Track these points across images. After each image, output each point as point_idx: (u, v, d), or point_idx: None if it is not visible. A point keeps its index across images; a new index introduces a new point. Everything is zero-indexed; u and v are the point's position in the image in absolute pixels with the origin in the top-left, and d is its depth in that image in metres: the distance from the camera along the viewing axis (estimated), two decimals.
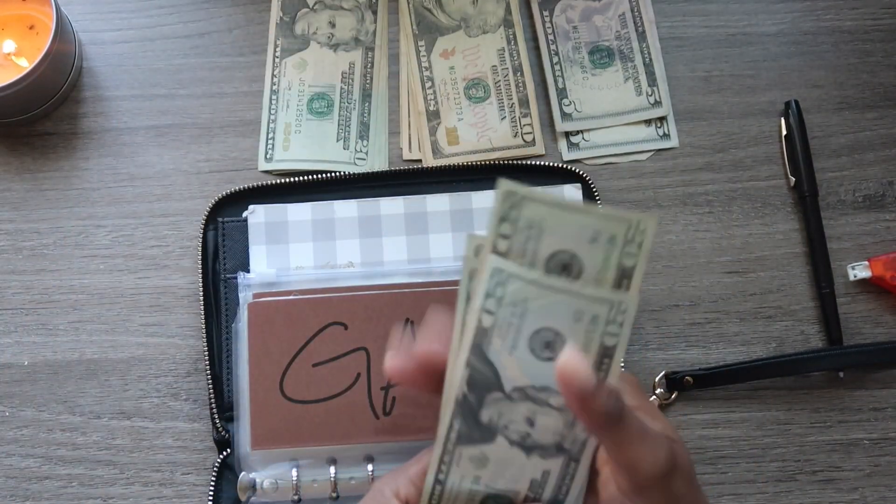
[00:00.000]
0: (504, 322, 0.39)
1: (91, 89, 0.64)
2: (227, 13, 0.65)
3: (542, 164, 0.61)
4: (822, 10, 0.66)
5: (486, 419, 0.40)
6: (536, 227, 0.39)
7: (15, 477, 0.58)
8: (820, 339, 0.61)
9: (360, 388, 0.56)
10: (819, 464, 0.59)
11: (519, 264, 0.39)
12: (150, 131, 0.63)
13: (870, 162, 0.63)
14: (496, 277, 0.39)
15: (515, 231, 0.39)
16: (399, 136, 0.63)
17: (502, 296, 0.39)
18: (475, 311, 0.39)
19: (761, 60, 0.65)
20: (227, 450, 0.57)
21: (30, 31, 0.62)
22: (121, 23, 0.65)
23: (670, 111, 0.63)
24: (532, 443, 0.41)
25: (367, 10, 0.66)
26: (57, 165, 0.63)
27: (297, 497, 0.55)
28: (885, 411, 0.60)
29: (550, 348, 0.39)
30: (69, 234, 0.62)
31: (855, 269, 0.60)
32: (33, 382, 0.60)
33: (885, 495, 0.58)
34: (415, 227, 0.60)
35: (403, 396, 0.56)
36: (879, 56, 0.65)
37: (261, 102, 0.64)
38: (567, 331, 0.39)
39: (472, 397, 0.40)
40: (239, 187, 0.60)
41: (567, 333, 0.39)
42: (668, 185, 0.62)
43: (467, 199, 0.60)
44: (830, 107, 0.64)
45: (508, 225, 0.39)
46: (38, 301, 0.61)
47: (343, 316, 0.57)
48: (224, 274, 0.59)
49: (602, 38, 0.64)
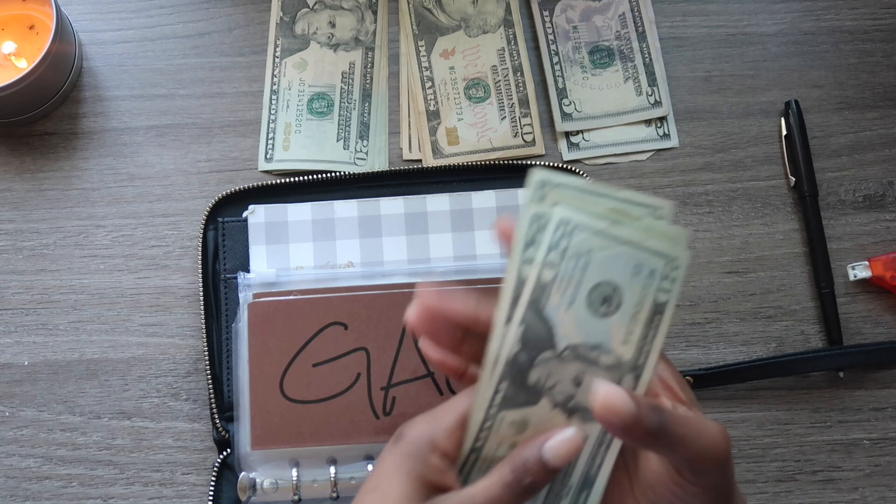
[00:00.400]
0: (565, 275, 0.40)
1: (91, 89, 0.64)
2: (227, 13, 0.65)
3: (542, 164, 0.61)
4: (822, 10, 0.66)
5: (534, 380, 0.40)
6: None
7: (15, 477, 0.58)
8: (820, 339, 0.61)
9: (360, 388, 0.56)
10: (819, 464, 0.59)
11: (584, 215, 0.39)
12: (150, 131, 0.63)
13: (870, 162, 0.63)
14: (562, 229, 0.39)
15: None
16: (399, 136, 0.63)
17: (566, 247, 0.39)
18: (536, 266, 0.39)
19: (761, 60, 0.65)
20: (227, 450, 0.57)
21: (30, 32, 0.62)
22: (121, 23, 0.65)
23: (670, 111, 0.63)
24: (575, 405, 0.41)
25: (367, 10, 0.66)
26: (57, 165, 0.63)
27: (297, 497, 0.55)
28: (885, 411, 0.60)
29: (608, 303, 0.40)
30: (69, 234, 0.62)
31: (855, 269, 0.60)
32: (33, 382, 0.60)
33: (885, 495, 0.58)
34: (415, 227, 0.60)
35: (403, 396, 0.56)
36: (879, 56, 0.65)
37: (261, 102, 0.64)
38: (625, 285, 0.40)
39: (523, 356, 0.40)
40: (239, 187, 0.60)
41: (625, 288, 0.40)
42: (668, 185, 0.62)
43: (467, 199, 0.60)
44: (830, 107, 0.64)
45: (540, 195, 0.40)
46: (38, 301, 0.61)
47: (343, 316, 0.57)
48: (224, 274, 0.59)
49: (602, 38, 0.64)
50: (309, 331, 0.56)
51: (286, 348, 0.56)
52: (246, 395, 0.56)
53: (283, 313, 0.56)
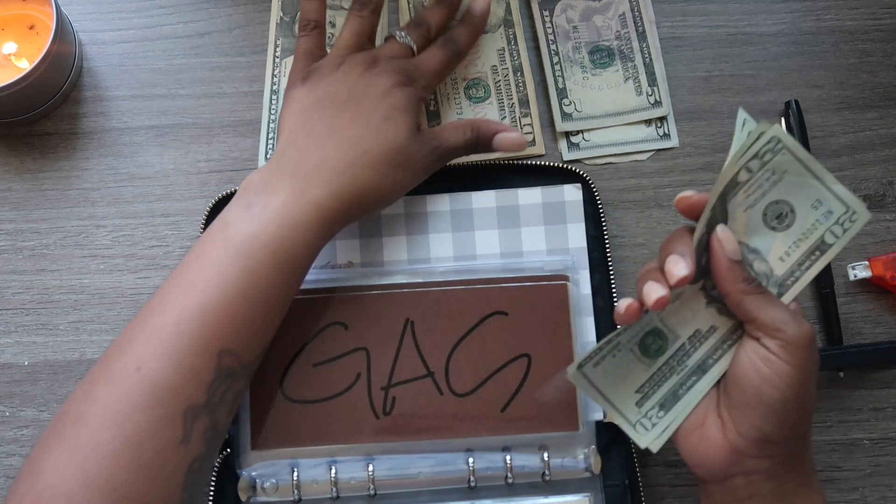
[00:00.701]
0: (756, 182, 0.46)
1: (91, 89, 0.64)
2: (227, 13, 0.65)
3: (542, 164, 0.61)
4: (822, 10, 0.66)
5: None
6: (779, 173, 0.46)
7: (15, 477, 0.58)
8: (820, 339, 0.61)
9: (360, 388, 0.56)
10: (819, 464, 0.59)
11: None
12: (150, 131, 0.63)
13: (870, 162, 0.63)
14: (770, 144, 0.45)
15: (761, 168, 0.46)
16: None
17: (768, 161, 0.46)
18: (737, 165, 0.46)
19: (761, 60, 0.65)
20: (227, 450, 0.57)
21: (30, 32, 0.62)
22: (121, 23, 0.65)
23: (670, 111, 0.63)
24: (716, 294, 0.48)
25: None
26: (57, 165, 0.63)
27: (297, 497, 0.55)
28: (885, 411, 0.60)
29: (779, 219, 0.47)
30: (69, 234, 0.62)
31: (855, 269, 0.60)
32: (33, 382, 0.60)
33: (885, 495, 0.58)
34: (415, 227, 0.60)
35: (404, 396, 0.56)
36: (879, 56, 0.65)
37: (261, 102, 0.64)
38: (802, 211, 0.47)
39: (704, 238, 0.47)
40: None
41: (800, 213, 0.47)
42: (668, 185, 0.62)
43: (467, 199, 0.60)
44: (830, 107, 0.64)
45: (757, 161, 0.46)
46: (38, 301, 0.61)
47: (343, 316, 0.57)
48: None
49: (602, 38, 0.64)
50: (309, 331, 0.56)
51: (286, 348, 0.56)
52: (246, 396, 0.56)
53: None
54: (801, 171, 0.46)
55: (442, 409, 0.56)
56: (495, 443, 0.56)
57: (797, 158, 0.46)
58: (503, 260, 0.59)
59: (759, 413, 0.46)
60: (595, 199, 0.60)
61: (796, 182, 0.46)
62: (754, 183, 0.46)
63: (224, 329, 0.48)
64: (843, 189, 0.46)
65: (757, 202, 0.47)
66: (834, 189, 0.46)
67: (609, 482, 0.57)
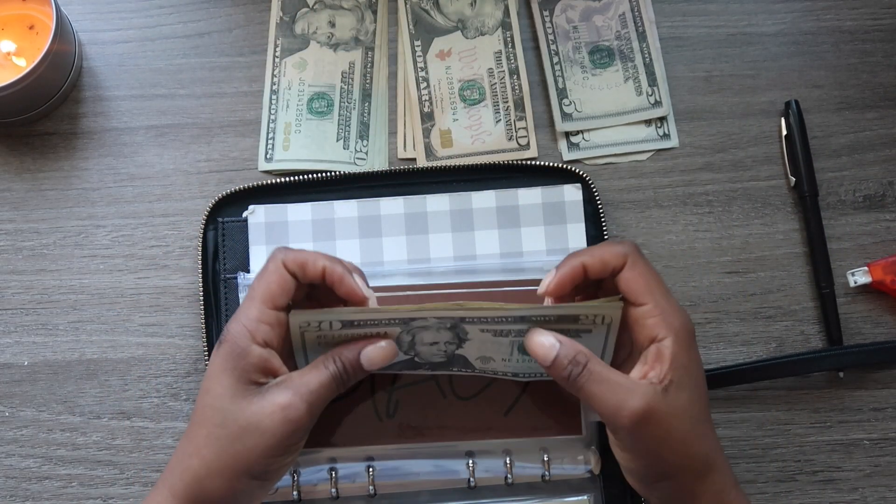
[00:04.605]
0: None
1: (91, 89, 0.64)
2: (227, 13, 0.65)
3: (542, 165, 0.61)
4: (822, 10, 0.66)
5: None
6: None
7: (15, 477, 0.58)
8: (820, 340, 0.61)
9: (364, 389, 0.56)
10: (819, 464, 0.59)
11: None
12: (150, 131, 0.63)
13: (870, 162, 0.63)
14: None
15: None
16: (398, 136, 0.63)
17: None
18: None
19: (761, 60, 0.65)
20: None
21: (30, 31, 0.62)
22: (121, 23, 0.65)
23: (670, 111, 0.63)
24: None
25: (366, 9, 0.66)
26: (57, 165, 0.63)
27: (298, 497, 0.55)
28: (885, 411, 0.60)
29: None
30: (69, 234, 0.62)
31: (855, 274, 0.60)
32: (33, 382, 0.60)
33: (885, 495, 0.58)
34: (415, 227, 0.60)
35: (407, 399, 0.56)
36: (879, 56, 0.65)
37: (261, 102, 0.64)
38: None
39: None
40: (239, 187, 0.60)
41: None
42: (668, 185, 0.62)
43: (467, 199, 0.60)
44: (830, 107, 0.64)
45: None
46: (38, 301, 0.61)
47: None
48: (224, 274, 0.59)
49: (602, 38, 0.64)
50: None
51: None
52: None
53: None
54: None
55: (445, 412, 0.56)
56: (497, 446, 0.56)
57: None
58: (503, 260, 0.59)
59: (624, 469, 0.49)
60: (595, 200, 0.60)
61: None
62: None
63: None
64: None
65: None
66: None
67: (609, 483, 0.57)
